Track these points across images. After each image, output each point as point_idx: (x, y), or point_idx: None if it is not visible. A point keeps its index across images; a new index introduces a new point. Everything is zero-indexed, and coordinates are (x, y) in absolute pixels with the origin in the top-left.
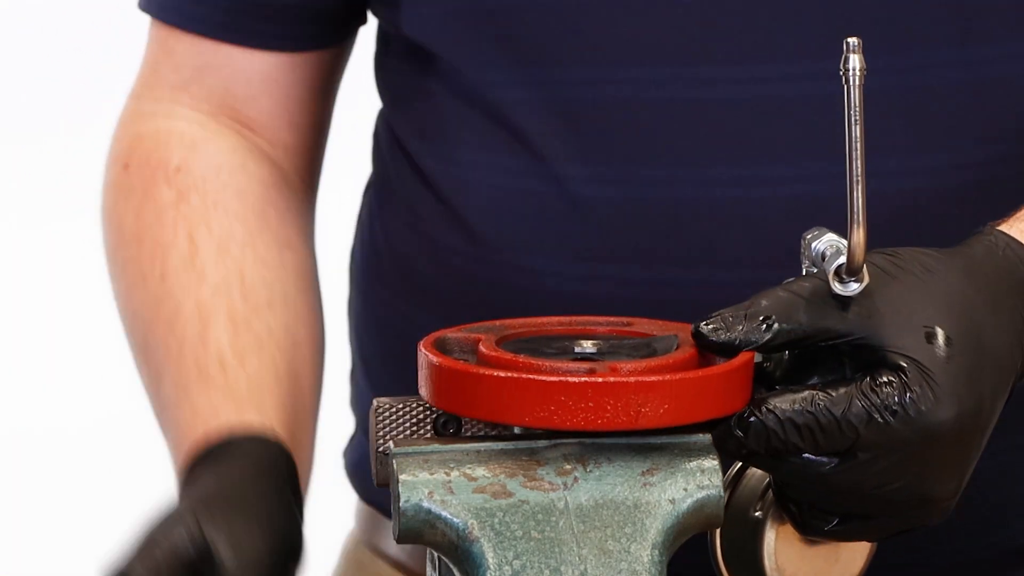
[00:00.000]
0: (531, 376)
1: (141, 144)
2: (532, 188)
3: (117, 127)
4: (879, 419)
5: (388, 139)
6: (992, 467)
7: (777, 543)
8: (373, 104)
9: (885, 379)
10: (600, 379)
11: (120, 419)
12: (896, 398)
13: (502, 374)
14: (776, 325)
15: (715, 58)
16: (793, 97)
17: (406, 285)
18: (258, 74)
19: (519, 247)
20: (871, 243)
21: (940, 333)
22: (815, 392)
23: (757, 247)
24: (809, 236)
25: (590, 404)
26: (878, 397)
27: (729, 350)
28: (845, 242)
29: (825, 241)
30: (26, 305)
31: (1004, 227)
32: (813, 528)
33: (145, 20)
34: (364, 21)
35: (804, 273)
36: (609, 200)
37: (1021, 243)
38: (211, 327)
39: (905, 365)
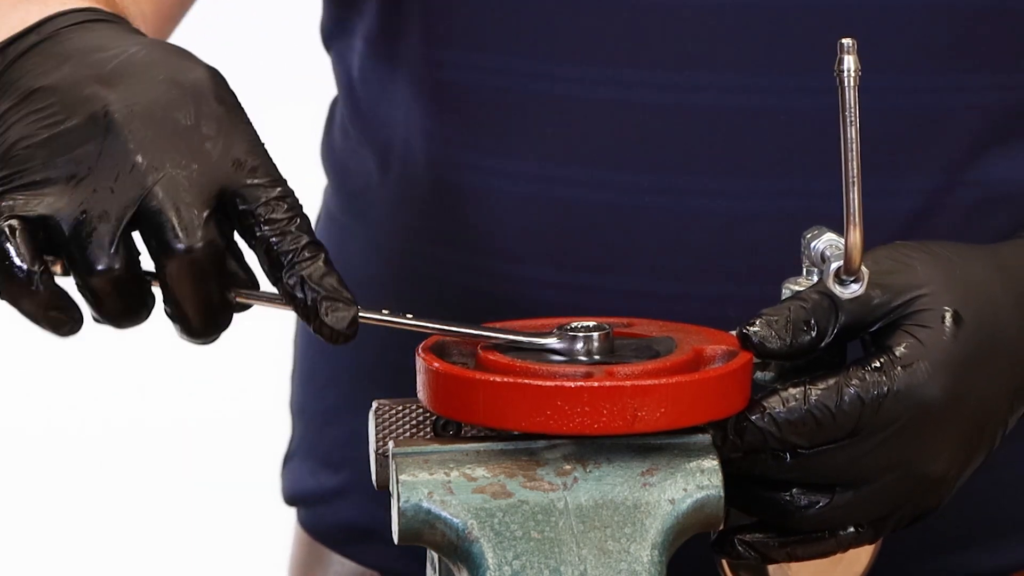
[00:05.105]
0: (527, 381)
1: None
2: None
3: None
4: (872, 402)
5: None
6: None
7: None
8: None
9: (875, 364)
10: (596, 383)
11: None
12: (886, 379)
13: (498, 379)
14: (816, 329)
15: (713, 66)
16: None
17: None
18: None
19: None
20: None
21: (953, 313)
22: (806, 388)
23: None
24: (809, 235)
25: (586, 409)
26: (869, 378)
27: (779, 357)
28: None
29: (824, 241)
30: None
31: None
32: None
33: None
34: None
35: (804, 272)
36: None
37: None
38: None
39: (906, 341)
